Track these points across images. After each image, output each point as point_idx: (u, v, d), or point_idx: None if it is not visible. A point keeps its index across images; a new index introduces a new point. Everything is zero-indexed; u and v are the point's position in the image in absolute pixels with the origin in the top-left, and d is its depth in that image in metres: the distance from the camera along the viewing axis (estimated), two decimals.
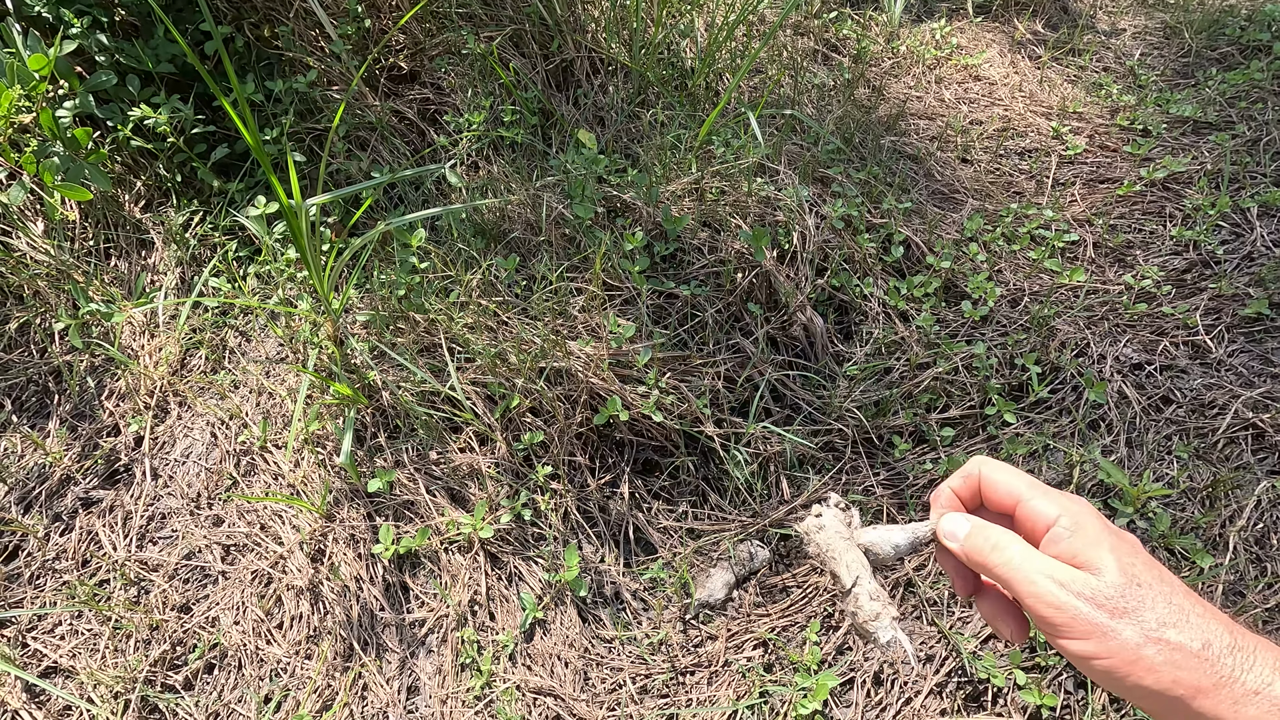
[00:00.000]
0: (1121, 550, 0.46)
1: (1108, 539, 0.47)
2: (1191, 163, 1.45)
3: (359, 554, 0.95)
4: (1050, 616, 0.45)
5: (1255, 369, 1.14)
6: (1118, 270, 1.30)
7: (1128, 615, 0.45)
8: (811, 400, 1.10)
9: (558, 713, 0.85)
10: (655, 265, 1.16)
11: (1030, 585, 0.46)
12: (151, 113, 1.25)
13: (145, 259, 1.28)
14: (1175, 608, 0.45)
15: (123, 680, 0.86)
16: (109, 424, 1.10)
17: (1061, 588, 0.46)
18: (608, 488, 1.02)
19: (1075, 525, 0.47)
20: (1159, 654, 0.43)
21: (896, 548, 0.58)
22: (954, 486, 0.54)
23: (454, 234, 1.20)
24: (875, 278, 1.22)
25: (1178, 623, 0.44)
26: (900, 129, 1.55)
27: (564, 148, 1.40)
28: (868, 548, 0.60)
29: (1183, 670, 0.43)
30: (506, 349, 1.02)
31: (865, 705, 0.85)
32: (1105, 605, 0.45)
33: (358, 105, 1.45)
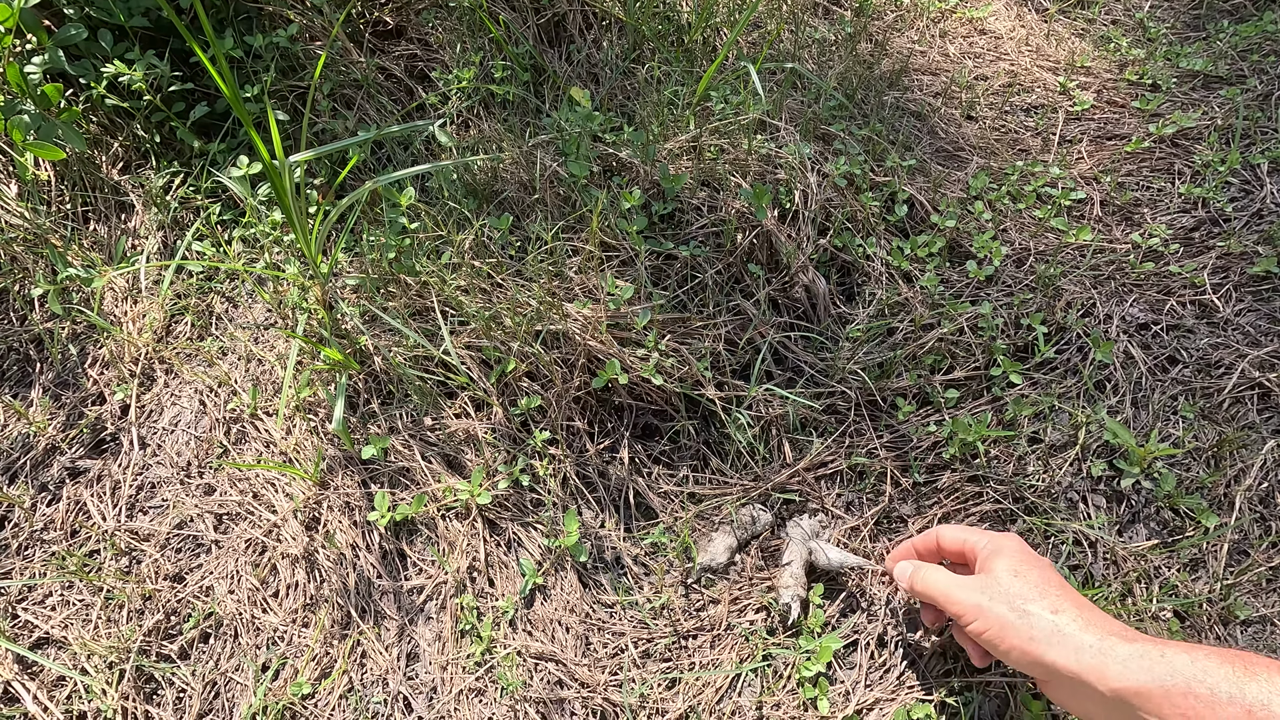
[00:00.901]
0: (1015, 557, 0.68)
1: (1009, 552, 0.68)
2: (1201, 118, 1.41)
3: (354, 522, 0.94)
4: (956, 612, 0.67)
5: (1262, 328, 1.12)
6: (1125, 229, 1.27)
7: (1001, 597, 0.64)
8: (814, 362, 1.08)
9: (559, 677, 0.84)
10: (653, 225, 1.13)
11: (941, 595, 0.70)
12: (126, 69, 1.20)
13: (125, 222, 1.24)
14: (1037, 589, 0.63)
15: (116, 650, 0.85)
16: (94, 392, 1.07)
17: (959, 588, 0.68)
18: (607, 452, 1.00)
19: (995, 546, 0.70)
20: (1019, 619, 0.62)
21: (828, 560, 0.86)
22: (914, 543, 0.81)
23: (444, 194, 1.16)
24: (878, 237, 1.19)
25: (1035, 598, 0.63)
26: (903, 85, 1.50)
27: (557, 105, 1.35)
28: (812, 550, 0.88)
29: (1036, 630, 0.60)
30: (501, 311, 0.99)
31: (869, 667, 0.84)
32: (987, 593, 0.65)
33: (342, 62, 1.39)
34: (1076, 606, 0.61)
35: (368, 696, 0.84)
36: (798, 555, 0.88)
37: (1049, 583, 0.64)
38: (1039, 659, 0.60)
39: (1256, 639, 0.86)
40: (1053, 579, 0.65)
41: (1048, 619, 0.61)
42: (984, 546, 0.71)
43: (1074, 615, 0.60)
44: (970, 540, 0.73)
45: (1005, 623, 0.62)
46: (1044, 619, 0.61)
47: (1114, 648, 0.57)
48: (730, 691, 0.83)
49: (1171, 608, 0.87)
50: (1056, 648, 0.59)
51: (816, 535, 0.91)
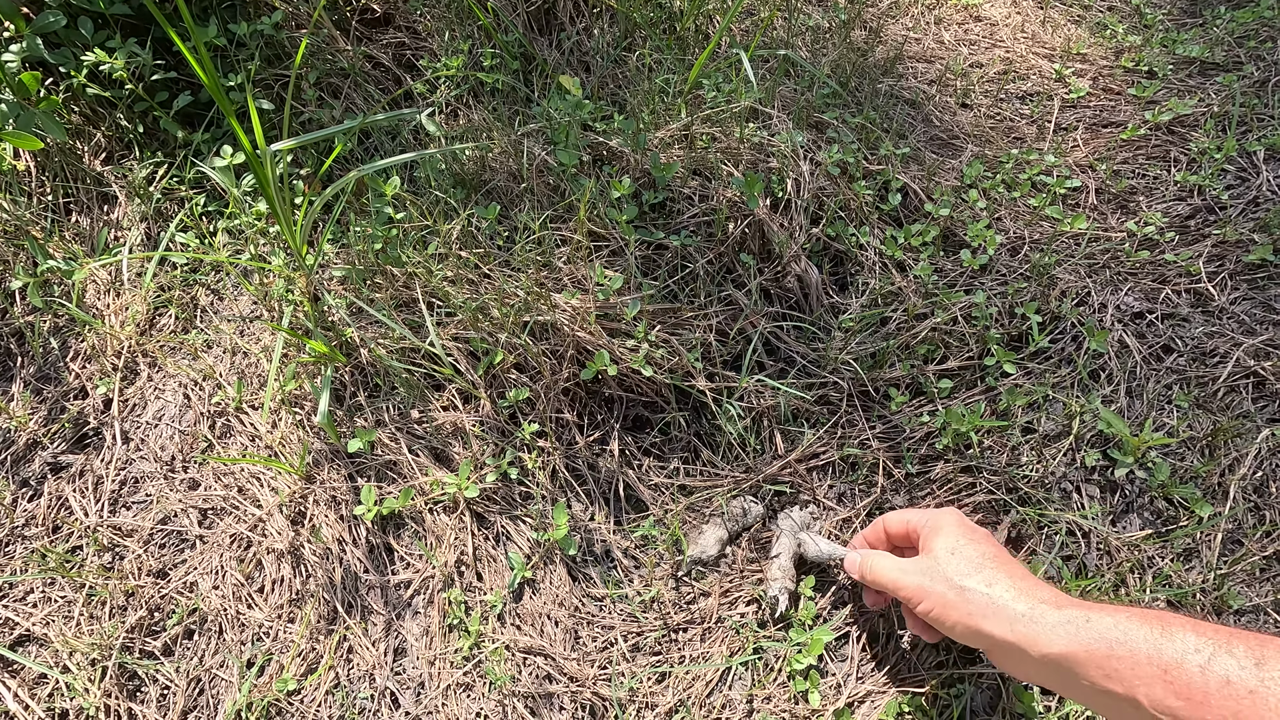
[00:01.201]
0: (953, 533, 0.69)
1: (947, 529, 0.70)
2: (1198, 105, 1.40)
3: (341, 516, 0.93)
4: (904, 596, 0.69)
5: (1257, 316, 1.11)
6: (1120, 217, 1.26)
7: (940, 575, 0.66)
8: (806, 353, 1.06)
9: (548, 672, 0.83)
10: (643, 215, 1.11)
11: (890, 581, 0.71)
12: (107, 58, 1.18)
13: (107, 214, 1.22)
14: (973, 564, 0.66)
15: (99, 647, 0.84)
16: (75, 386, 1.06)
17: (903, 573, 0.70)
18: (597, 445, 0.99)
19: (934, 524, 0.72)
20: (958, 596, 0.64)
21: (818, 551, 0.86)
22: (865, 535, 0.83)
23: (432, 184, 1.14)
24: (872, 226, 1.17)
25: (970, 573, 0.65)
26: (898, 72, 1.48)
27: (546, 94, 1.33)
28: (801, 541, 0.87)
29: (973, 604, 0.63)
30: (489, 302, 0.98)
31: (861, 659, 0.83)
32: (928, 574, 0.67)
33: (329, 50, 1.37)
34: (1010, 577, 0.63)
35: (354, 692, 0.83)
36: (786, 547, 0.87)
37: (985, 556, 0.66)
38: (979, 631, 0.62)
39: (1249, 628, 0.85)
40: (988, 551, 0.67)
41: (982, 593, 0.63)
42: (924, 525, 0.73)
43: (1007, 586, 0.62)
44: (911, 521, 0.76)
45: (946, 600, 0.64)
46: (979, 593, 0.63)
47: (1044, 615, 0.59)
48: (721, 685, 0.82)
49: (1165, 598, 0.86)
50: (991, 619, 0.61)
51: (807, 527, 0.90)
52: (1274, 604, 0.86)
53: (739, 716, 0.80)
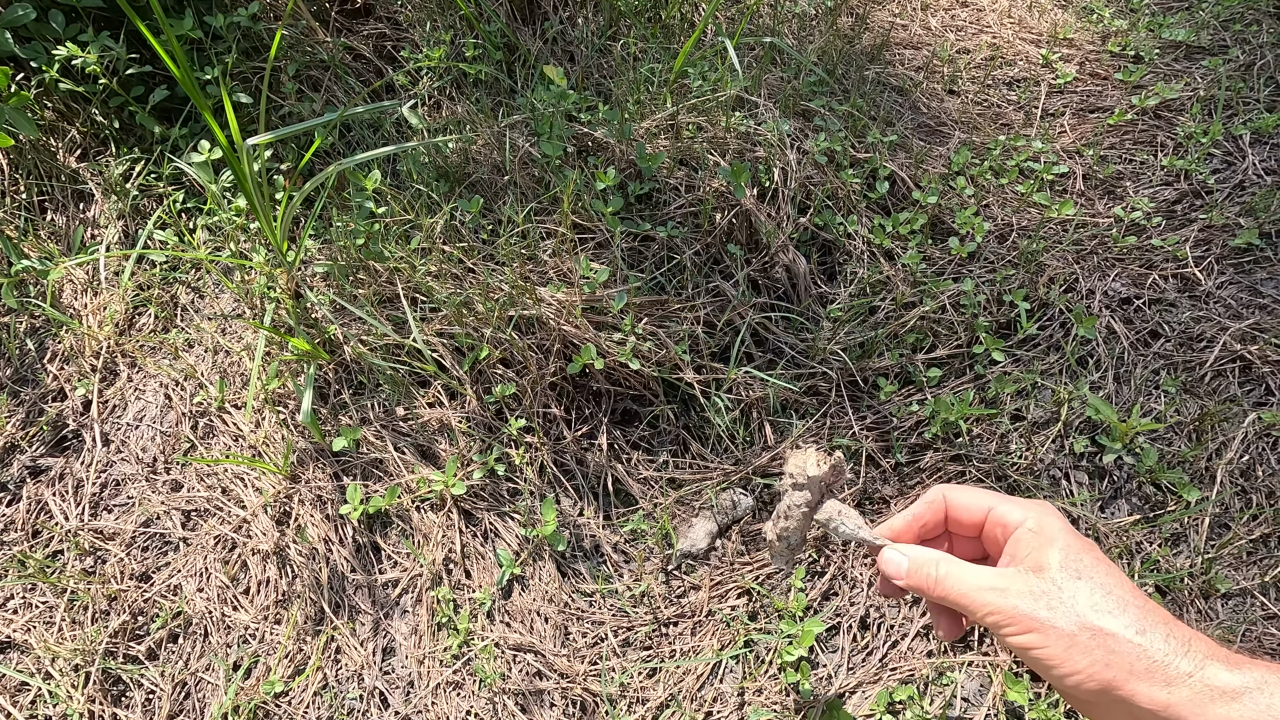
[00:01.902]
0: (1072, 548, 0.51)
1: (1062, 538, 0.52)
2: (1184, 89, 1.40)
3: (326, 515, 0.92)
4: (994, 622, 0.50)
5: (1244, 300, 1.11)
6: (1107, 202, 1.25)
7: (1063, 606, 0.48)
8: (794, 343, 1.06)
9: (538, 669, 0.83)
10: (630, 206, 1.10)
11: (968, 600, 0.51)
12: (79, 51, 1.15)
13: (83, 211, 1.20)
14: (1114, 598, 0.49)
15: (81, 653, 0.83)
16: (53, 388, 1.04)
17: (999, 594, 0.50)
18: (585, 439, 0.98)
19: (1039, 526, 0.53)
20: (1092, 639, 0.47)
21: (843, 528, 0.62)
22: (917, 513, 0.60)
23: (414, 177, 1.13)
24: (859, 215, 1.16)
25: (1113, 610, 0.48)
26: (885, 59, 1.47)
27: (530, 84, 1.32)
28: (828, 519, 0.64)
29: (1115, 654, 0.46)
30: (473, 297, 0.96)
31: (851, 650, 0.83)
32: (1044, 598, 0.49)
33: (308, 42, 1.35)
34: (1164, 623, 0.48)
35: (343, 693, 0.82)
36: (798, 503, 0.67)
37: (1122, 586, 0.50)
38: (1116, 688, 0.47)
39: (1237, 612, 0.85)
40: (1122, 579, 0.51)
41: (1132, 640, 0.47)
42: (1021, 526, 0.54)
43: (1164, 635, 0.47)
44: (999, 512, 0.56)
45: (1074, 643, 0.48)
46: (1127, 640, 0.47)
47: (1216, 675, 0.45)
48: (712, 678, 0.82)
49: (1153, 582, 0.86)
50: (1142, 677, 0.46)
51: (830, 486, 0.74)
52: (1260, 587, 0.87)
53: (730, 710, 0.79)
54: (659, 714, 0.79)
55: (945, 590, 0.54)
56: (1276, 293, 1.12)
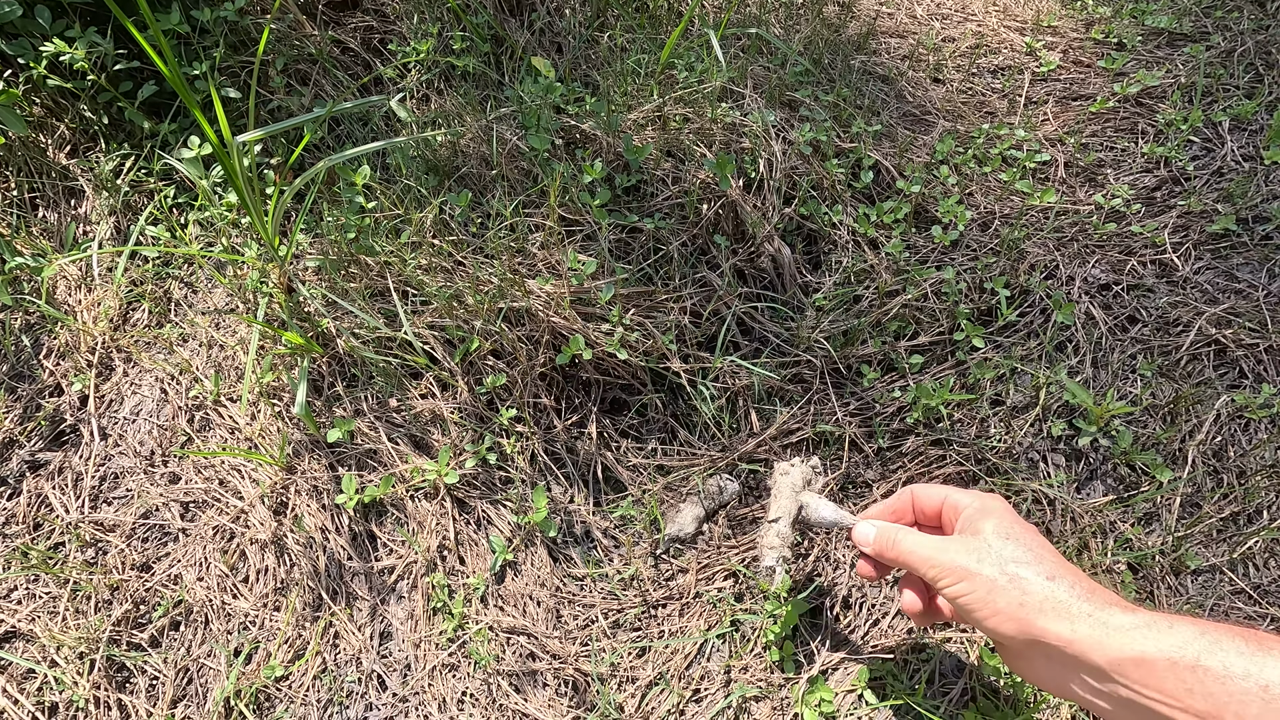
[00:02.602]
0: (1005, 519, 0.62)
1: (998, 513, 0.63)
2: (1165, 76, 1.41)
3: (323, 505, 0.94)
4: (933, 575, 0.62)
5: (1220, 285, 1.14)
6: (1088, 190, 1.27)
7: (990, 558, 0.59)
8: (779, 332, 1.08)
9: (531, 650, 0.85)
10: (617, 198, 1.11)
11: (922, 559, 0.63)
12: (67, 48, 1.15)
13: (75, 208, 1.20)
14: (1033, 553, 0.58)
15: (85, 641, 0.85)
16: (50, 384, 1.05)
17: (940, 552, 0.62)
18: (575, 428, 1.01)
19: (982, 505, 0.64)
20: (1010, 583, 0.57)
21: (822, 518, 0.76)
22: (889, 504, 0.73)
23: (403, 171, 1.14)
24: (844, 205, 1.18)
25: (1030, 561, 0.58)
26: (870, 48, 1.48)
27: (518, 77, 1.32)
28: (804, 505, 0.78)
29: (1028, 595, 0.56)
30: (463, 290, 0.98)
31: (834, 629, 0.86)
32: (974, 554, 0.60)
33: (295, 36, 1.35)
34: (1073, 575, 0.57)
35: (342, 676, 0.84)
36: (786, 510, 0.78)
37: (1043, 548, 0.59)
38: (1028, 625, 0.55)
39: (1206, 587, 0.88)
40: (1045, 545, 0.60)
41: (1042, 584, 0.56)
42: (969, 506, 0.65)
43: (1070, 583, 0.56)
44: (952, 499, 0.67)
45: (994, 585, 0.57)
46: (1038, 584, 0.56)
47: (1113, 617, 0.53)
48: (699, 657, 0.85)
49: (1126, 560, 0.89)
50: (1049, 615, 0.54)
51: (808, 484, 0.80)
52: (1229, 563, 0.90)
53: (717, 687, 0.82)
54: (648, 692, 0.82)
55: (899, 552, 0.66)
56: (1252, 278, 1.14)
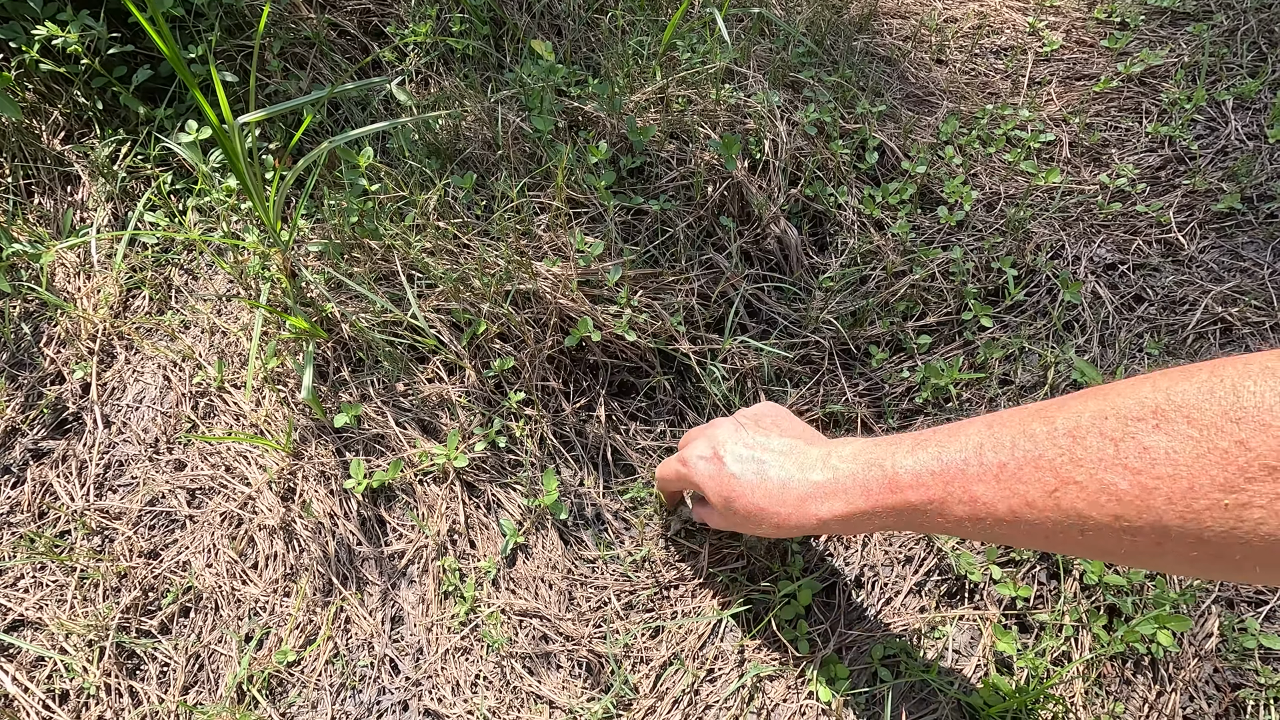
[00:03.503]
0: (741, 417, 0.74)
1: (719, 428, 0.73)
2: (1168, 56, 1.41)
3: (331, 490, 0.93)
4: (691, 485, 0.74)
5: (1225, 264, 1.14)
6: (1093, 170, 1.27)
7: (723, 461, 0.69)
8: (787, 313, 1.07)
9: (544, 632, 0.85)
10: (622, 180, 1.10)
11: (670, 477, 0.77)
12: (59, 31, 1.13)
13: (71, 194, 1.19)
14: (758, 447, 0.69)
15: (95, 628, 0.84)
16: (51, 371, 1.04)
17: (682, 464, 0.74)
18: (583, 411, 1.00)
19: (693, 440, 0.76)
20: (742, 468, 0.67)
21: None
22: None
23: (405, 154, 1.13)
24: (850, 186, 1.18)
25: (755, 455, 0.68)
26: (873, 29, 1.47)
27: (518, 59, 1.31)
28: None
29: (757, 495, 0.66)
30: (469, 272, 0.97)
31: (847, 608, 0.86)
32: (711, 459, 0.70)
33: (291, 19, 1.33)
34: (810, 439, 0.68)
35: (354, 660, 0.84)
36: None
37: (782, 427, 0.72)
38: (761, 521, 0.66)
39: None
40: (785, 422, 0.73)
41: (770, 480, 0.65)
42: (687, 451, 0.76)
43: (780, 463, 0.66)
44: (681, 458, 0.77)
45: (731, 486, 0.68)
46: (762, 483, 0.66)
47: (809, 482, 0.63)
48: (713, 637, 0.85)
49: None
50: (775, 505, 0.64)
51: None
52: None
53: (731, 666, 0.82)
54: (662, 672, 0.82)
55: (658, 475, 0.81)
56: (1257, 256, 1.14)
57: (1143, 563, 0.44)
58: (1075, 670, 0.79)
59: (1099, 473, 0.42)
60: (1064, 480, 0.44)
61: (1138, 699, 0.79)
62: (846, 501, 0.58)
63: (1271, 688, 0.78)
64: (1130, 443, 0.41)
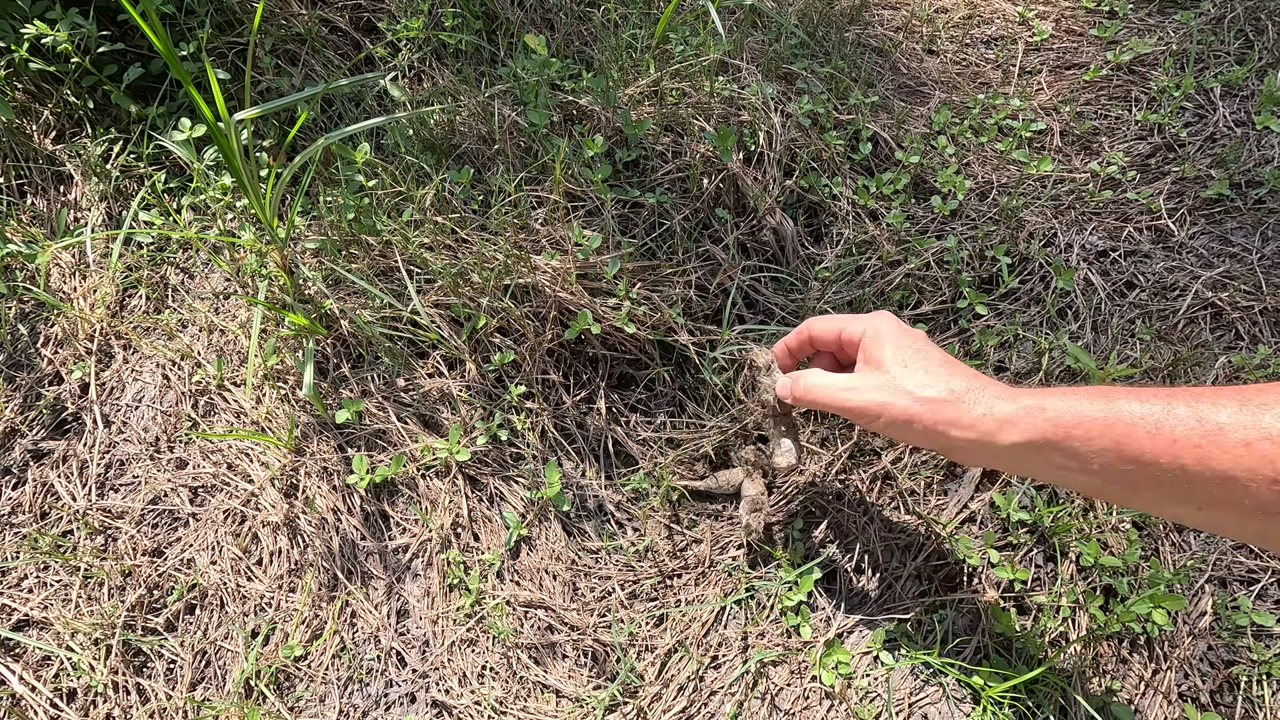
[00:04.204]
0: (899, 343, 0.68)
1: (891, 337, 0.69)
2: (1157, 44, 1.42)
3: (334, 486, 0.93)
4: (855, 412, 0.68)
5: (1215, 249, 1.15)
6: (1084, 158, 1.28)
7: (900, 390, 0.65)
8: (785, 304, 1.08)
9: (549, 623, 0.86)
10: (618, 173, 1.11)
11: (839, 401, 0.69)
12: (49, 30, 1.12)
13: (64, 194, 1.18)
14: (931, 375, 0.66)
15: (100, 627, 0.84)
16: (49, 372, 1.04)
17: (853, 393, 0.68)
18: (584, 404, 1.01)
19: (874, 331, 0.70)
20: (924, 408, 0.64)
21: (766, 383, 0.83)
22: (788, 343, 0.81)
23: (401, 149, 1.12)
24: (844, 176, 1.18)
25: (932, 384, 0.65)
26: (864, 20, 1.48)
27: (512, 53, 1.31)
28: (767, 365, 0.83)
29: (940, 414, 0.63)
30: (468, 267, 0.97)
31: (848, 593, 0.87)
32: (884, 389, 0.66)
33: (282, 15, 1.33)
34: (964, 378, 0.65)
35: (361, 654, 0.85)
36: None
37: (934, 362, 0.67)
38: (946, 435, 0.64)
39: (1208, 543, 0.90)
40: (935, 356, 0.68)
41: (944, 400, 0.64)
42: (862, 334, 0.71)
43: (965, 388, 0.64)
44: (847, 331, 0.73)
45: (911, 413, 0.65)
46: (942, 403, 0.64)
47: (1000, 408, 0.61)
48: (716, 625, 0.86)
49: (1130, 519, 0.91)
50: (956, 426, 0.63)
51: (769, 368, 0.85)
52: None
53: (734, 653, 0.83)
54: (667, 659, 0.83)
55: (815, 397, 0.71)
56: (1246, 241, 1.16)
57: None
58: (1073, 650, 0.80)
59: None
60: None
61: (1134, 677, 0.81)
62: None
63: (1264, 664, 0.80)
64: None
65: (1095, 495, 0.69)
